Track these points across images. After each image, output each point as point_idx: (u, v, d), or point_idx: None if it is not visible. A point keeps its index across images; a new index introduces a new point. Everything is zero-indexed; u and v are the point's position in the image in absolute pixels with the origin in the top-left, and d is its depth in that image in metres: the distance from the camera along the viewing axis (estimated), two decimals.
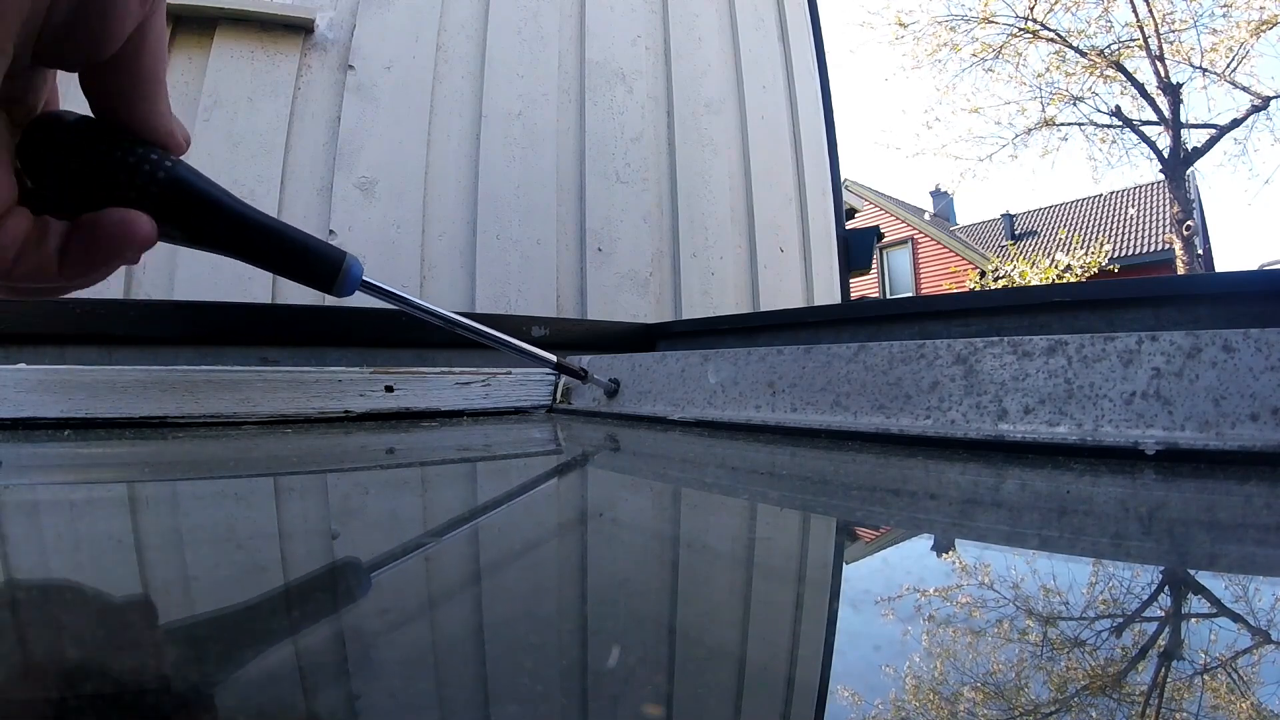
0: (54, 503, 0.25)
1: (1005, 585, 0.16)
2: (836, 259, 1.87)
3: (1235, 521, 0.21)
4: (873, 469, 0.31)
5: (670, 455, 0.36)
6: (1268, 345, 0.26)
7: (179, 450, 0.35)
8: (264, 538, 0.20)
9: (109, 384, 0.44)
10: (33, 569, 0.17)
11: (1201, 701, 0.11)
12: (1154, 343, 0.29)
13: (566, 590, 0.15)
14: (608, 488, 0.29)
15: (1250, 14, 8.27)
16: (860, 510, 0.25)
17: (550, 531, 0.21)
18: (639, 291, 1.45)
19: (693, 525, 0.23)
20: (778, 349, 0.44)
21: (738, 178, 1.67)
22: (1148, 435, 0.28)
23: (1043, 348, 0.32)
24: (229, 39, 1.31)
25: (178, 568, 0.18)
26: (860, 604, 0.15)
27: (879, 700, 0.11)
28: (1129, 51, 9.46)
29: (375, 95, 1.36)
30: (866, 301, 1.45)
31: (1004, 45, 10.19)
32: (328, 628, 0.14)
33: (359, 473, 0.32)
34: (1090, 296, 0.47)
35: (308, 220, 1.27)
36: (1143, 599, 0.16)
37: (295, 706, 0.11)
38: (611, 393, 0.56)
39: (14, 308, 0.55)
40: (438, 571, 0.17)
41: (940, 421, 0.34)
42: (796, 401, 0.42)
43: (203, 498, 0.26)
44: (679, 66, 1.58)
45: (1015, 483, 0.27)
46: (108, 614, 0.14)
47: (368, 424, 0.48)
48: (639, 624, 0.14)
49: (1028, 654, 0.13)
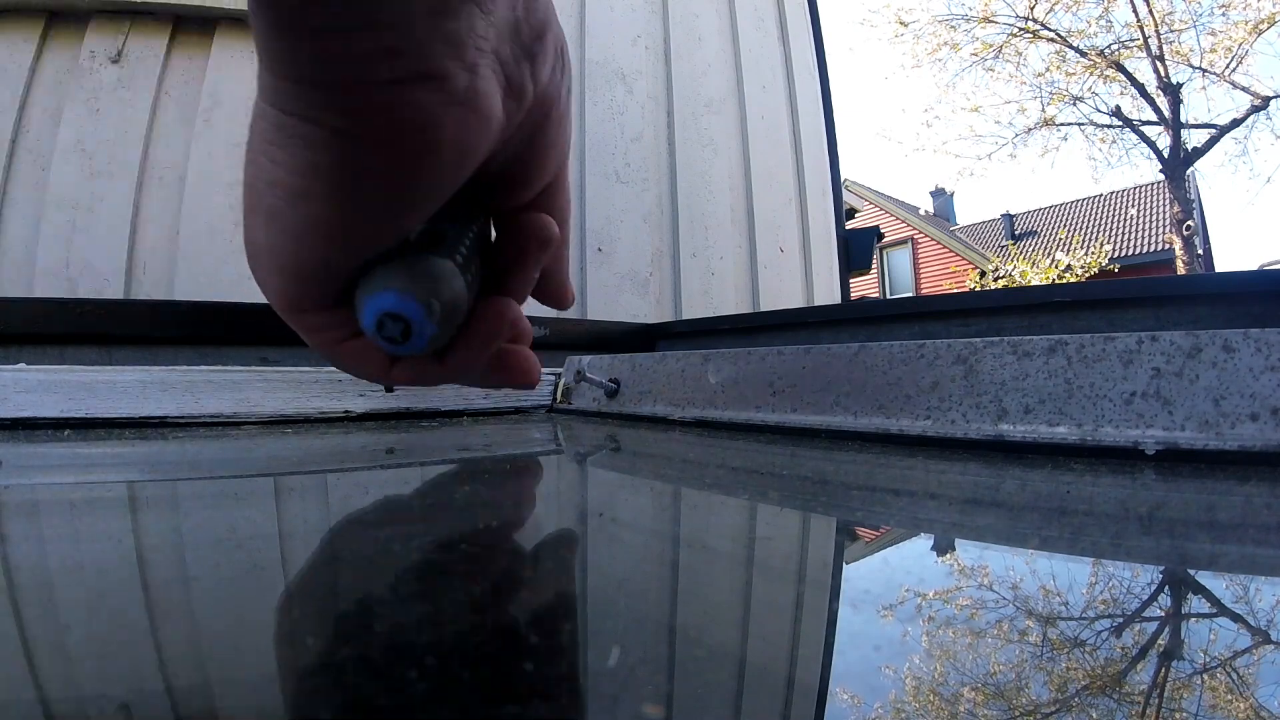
0: (54, 503, 0.25)
1: (1005, 585, 0.16)
2: (836, 259, 1.87)
3: (1235, 521, 0.21)
4: (873, 469, 0.31)
5: (670, 455, 0.36)
6: (1268, 345, 0.26)
7: (179, 450, 0.35)
8: (264, 538, 0.20)
9: (109, 384, 0.44)
10: (33, 569, 0.17)
11: (1201, 701, 0.11)
12: (1154, 343, 0.29)
13: (566, 590, 0.15)
14: (608, 488, 0.29)
15: (1249, 14, 8.27)
16: (860, 510, 0.25)
17: (550, 531, 0.21)
18: (639, 291, 1.45)
19: (693, 525, 0.23)
20: (778, 349, 0.44)
21: (738, 178, 1.67)
22: (1148, 435, 0.28)
23: (1043, 348, 0.32)
24: (229, 39, 1.31)
25: (177, 567, 0.18)
26: (860, 604, 0.15)
27: (879, 701, 0.11)
28: (1129, 51, 9.47)
29: None
30: (866, 301, 1.44)
31: (1004, 45, 10.20)
32: (328, 628, 0.14)
33: (359, 473, 0.32)
34: (1090, 296, 0.47)
35: None
36: (1143, 599, 0.16)
37: (295, 707, 0.11)
38: (612, 393, 0.56)
39: (14, 308, 0.55)
40: (438, 571, 0.17)
41: (940, 421, 0.34)
42: (796, 401, 0.42)
43: (203, 498, 0.26)
44: (679, 66, 1.58)
45: (1015, 483, 0.27)
46: (108, 614, 0.14)
47: (368, 424, 0.48)
48: (639, 624, 0.14)
49: (1028, 654, 0.13)
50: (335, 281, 0.27)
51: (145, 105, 1.23)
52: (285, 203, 0.24)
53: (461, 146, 0.24)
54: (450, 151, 0.24)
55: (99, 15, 1.23)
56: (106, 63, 1.23)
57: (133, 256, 1.21)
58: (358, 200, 0.24)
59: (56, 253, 1.17)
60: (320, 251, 0.25)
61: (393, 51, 0.21)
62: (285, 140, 0.23)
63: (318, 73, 0.22)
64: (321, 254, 0.25)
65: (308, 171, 0.23)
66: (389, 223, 0.25)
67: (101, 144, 1.21)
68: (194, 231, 1.22)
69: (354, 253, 0.26)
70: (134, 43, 1.25)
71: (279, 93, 0.22)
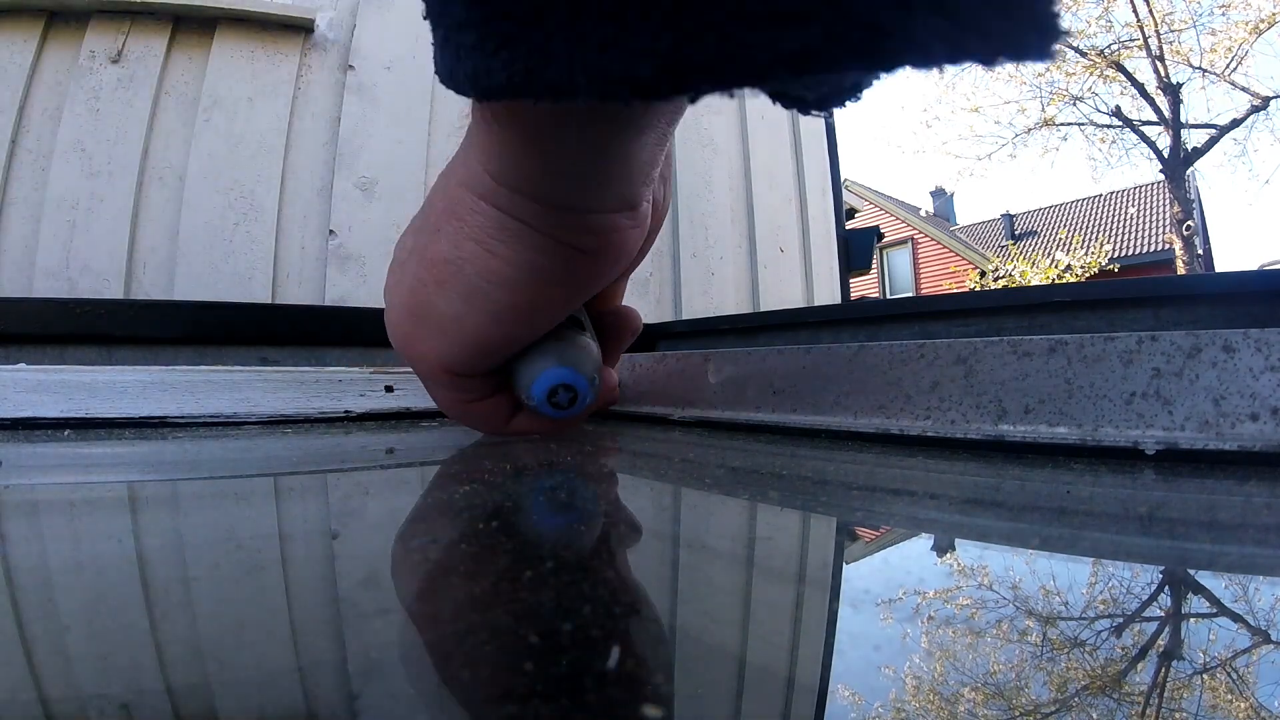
0: (54, 503, 0.25)
1: (1005, 585, 0.16)
2: (836, 259, 1.87)
3: (1235, 521, 0.21)
4: (873, 469, 0.31)
5: (670, 455, 0.36)
6: (1268, 345, 0.26)
7: (179, 450, 0.35)
8: (264, 538, 0.20)
9: (109, 384, 0.44)
10: (33, 569, 0.17)
11: (1201, 701, 0.11)
12: (1154, 343, 0.29)
13: (565, 590, 0.15)
14: (608, 487, 0.29)
15: (1249, 14, 8.28)
16: (860, 510, 0.25)
17: (549, 531, 0.21)
18: (639, 291, 1.45)
19: (693, 525, 0.23)
20: (778, 349, 0.44)
21: (738, 178, 1.67)
22: (1148, 435, 0.28)
23: (1043, 348, 0.32)
24: (229, 39, 1.31)
25: (177, 567, 0.18)
26: (860, 604, 0.15)
27: (879, 701, 0.11)
28: (1129, 51, 9.47)
29: (375, 95, 1.36)
30: (866, 301, 1.44)
31: None
32: (328, 628, 0.14)
33: (359, 473, 0.32)
34: (1090, 296, 0.47)
35: (308, 220, 1.27)
36: (1143, 599, 0.16)
37: (295, 707, 0.11)
38: None
39: (14, 308, 0.55)
40: (437, 571, 0.17)
41: (940, 421, 0.34)
42: (796, 401, 0.42)
43: (203, 498, 0.26)
44: None
45: (1015, 483, 0.27)
46: (107, 614, 0.14)
47: (368, 424, 0.48)
48: (638, 624, 0.14)
49: (1028, 654, 0.13)
50: (504, 355, 0.32)
51: (145, 105, 1.23)
52: (493, 287, 0.28)
53: (632, 253, 0.29)
54: (627, 258, 0.29)
55: (99, 15, 1.23)
56: (106, 63, 1.23)
57: (133, 256, 1.21)
58: (558, 294, 0.29)
59: (56, 253, 1.17)
60: (508, 329, 0.30)
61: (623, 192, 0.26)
62: (508, 238, 0.27)
63: (563, 201, 0.26)
64: (508, 331, 0.30)
65: (524, 266, 0.27)
66: (566, 310, 0.31)
67: (101, 144, 1.21)
68: (194, 231, 1.22)
69: (534, 332, 0.31)
70: (134, 43, 1.25)
71: (514, 204, 0.26)
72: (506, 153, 0.25)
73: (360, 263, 1.26)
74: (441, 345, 0.30)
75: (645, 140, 0.25)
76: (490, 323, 0.29)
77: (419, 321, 0.30)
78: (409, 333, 0.31)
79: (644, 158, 0.26)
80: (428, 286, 0.29)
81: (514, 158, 0.25)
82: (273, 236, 1.23)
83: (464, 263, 0.28)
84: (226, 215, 1.23)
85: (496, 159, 0.25)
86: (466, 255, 0.28)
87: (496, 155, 0.25)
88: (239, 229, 1.23)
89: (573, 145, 0.24)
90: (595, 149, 0.24)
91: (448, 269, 0.28)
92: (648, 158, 0.26)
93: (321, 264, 1.25)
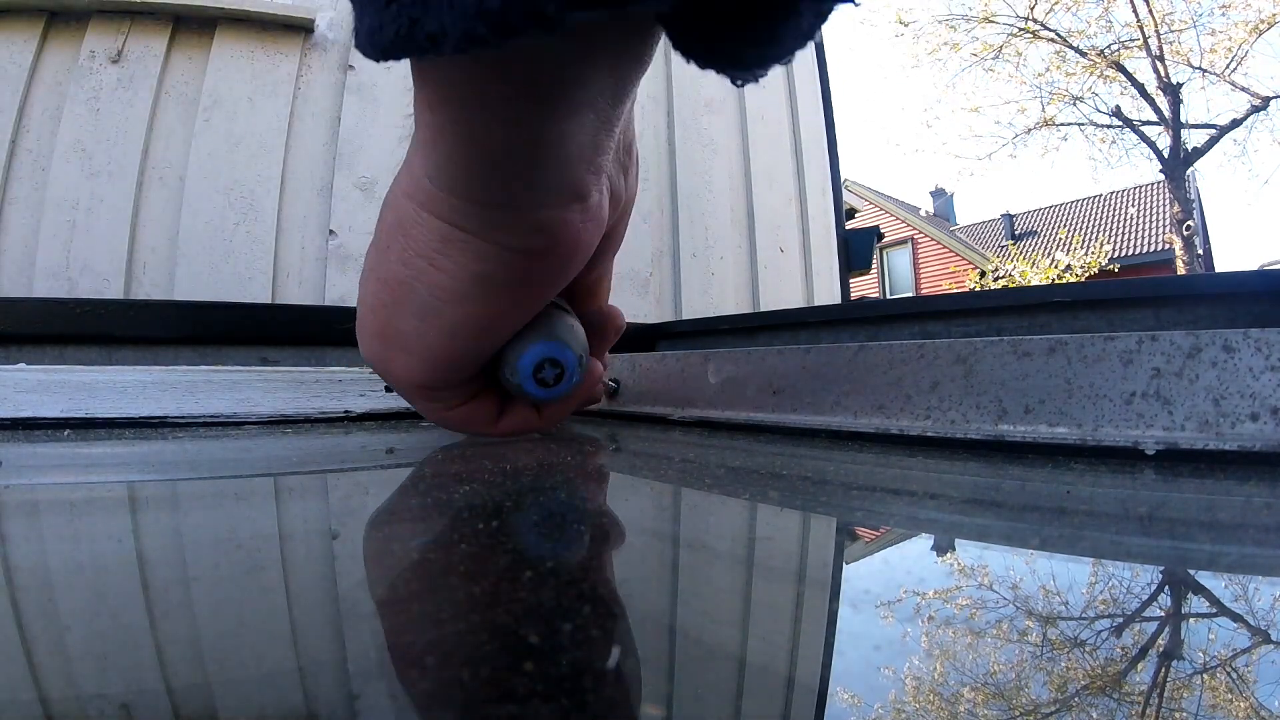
0: (54, 503, 0.25)
1: (1005, 585, 0.16)
2: (836, 259, 1.87)
3: (1235, 521, 0.21)
4: (873, 469, 0.31)
5: (670, 455, 0.36)
6: (1268, 345, 0.26)
7: (179, 450, 0.35)
8: (264, 537, 0.20)
9: (109, 384, 0.44)
10: (33, 569, 0.17)
11: (1201, 701, 0.11)
12: (1154, 343, 0.29)
13: (565, 590, 0.15)
14: (608, 487, 0.29)
15: (1249, 14, 8.28)
16: (860, 510, 0.25)
17: (549, 531, 0.21)
18: (639, 291, 1.45)
19: (693, 525, 0.23)
20: (778, 349, 0.44)
21: (738, 178, 1.67)
22: (1148, 435, 0.28)
23: (1043, 348, 0.32)
24: (229, 39, 1.31)
25: (177, 567, 0.18)
26: (860, 604, 0.15)
27: (879, 701, 0.11)
28: (1129, 51, 9.47)
29: (375, 95, 1.36)
30: (866, 301, 1.44)
31: (1004, 45, 10.19)
32: (328, 628, 0.14)
33: (359, 473, 0.32)
34: (1090, 296, 0.47)
35: (308, 220, 1.27)
36: (1143, 599, 0.16)
37: (295, 707, 0.11)
38: (612, 393, 0.56)
39: (14, 308, 0.55)
40: (437, 571, 0.17)
41: (940, 421, 0.34)
42: (796, 401, 0.42)
43: (203, 498, 0.26)
44: (679, 66, 1.58)
45: (1015, 483, 0.27)
46: (107, 614, 0.14)
47: (368, 424, 0.48)
48: (638, 624, 0.14)
49: (1028, 654, 0.13)
50: (474, 366, 0.31)
51: (145, 105, 1.23)
52: (445, 303, 0.27)
53: (588, 250, 0.28)
54: (583, 256, 0.28)
55: (99, 15, 1.23)
56: (106, 63, 1.23)
57: (133, 256, 1.21)
58: (512, 301, 0.28)
59: (56, 253, 1.17)
60: (468, 342, 0.29)
61: (564, 182, 0.25)
62: (452, 251, 0.26)
63: (501, 198, 0.25)
64: (469, 344, 0.29)
65: (471, 279, 0.26)
66: (528, 315, 0.30)
67: (101, 144, 1.21)
68: (194, 231, 1.22)
69: (496, 342, 0.30)
70: (134, 43, 1.25)
71: (453, 209, 0.25)
72: (441, 143, 0.24)
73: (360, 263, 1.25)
74: (410, 362, 0.30)
75: (581, 121, 0.23)
76: (447, 339, 0.29)
77: (385, 342, 0.30)
78: (377, 351, 0.31)
79: (582, 140, 0.24)
80: (387, 306, 0.29)
81: (447, 148, 0.24)
82: (273, 236, 1.23)
83: (414, 280, 0.27)
84: (226, 215, 1.23)
85: (433, 155, 0.24)
86: (415, 272, 0.27)
87: (433, 149, 0.24)
88: (239, 229, 1.23)
89: (499, 129, 0.22)
90: (525, 131, 0.23)
91: (401, 289, 0.28)
92: (587, 141, 0.24)
93: (321, 264, 1.25)
